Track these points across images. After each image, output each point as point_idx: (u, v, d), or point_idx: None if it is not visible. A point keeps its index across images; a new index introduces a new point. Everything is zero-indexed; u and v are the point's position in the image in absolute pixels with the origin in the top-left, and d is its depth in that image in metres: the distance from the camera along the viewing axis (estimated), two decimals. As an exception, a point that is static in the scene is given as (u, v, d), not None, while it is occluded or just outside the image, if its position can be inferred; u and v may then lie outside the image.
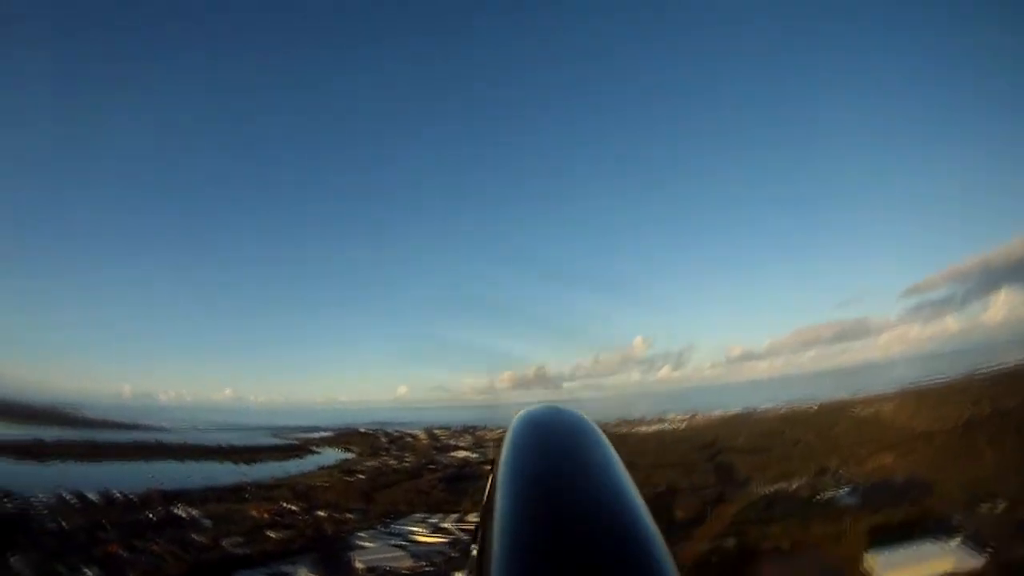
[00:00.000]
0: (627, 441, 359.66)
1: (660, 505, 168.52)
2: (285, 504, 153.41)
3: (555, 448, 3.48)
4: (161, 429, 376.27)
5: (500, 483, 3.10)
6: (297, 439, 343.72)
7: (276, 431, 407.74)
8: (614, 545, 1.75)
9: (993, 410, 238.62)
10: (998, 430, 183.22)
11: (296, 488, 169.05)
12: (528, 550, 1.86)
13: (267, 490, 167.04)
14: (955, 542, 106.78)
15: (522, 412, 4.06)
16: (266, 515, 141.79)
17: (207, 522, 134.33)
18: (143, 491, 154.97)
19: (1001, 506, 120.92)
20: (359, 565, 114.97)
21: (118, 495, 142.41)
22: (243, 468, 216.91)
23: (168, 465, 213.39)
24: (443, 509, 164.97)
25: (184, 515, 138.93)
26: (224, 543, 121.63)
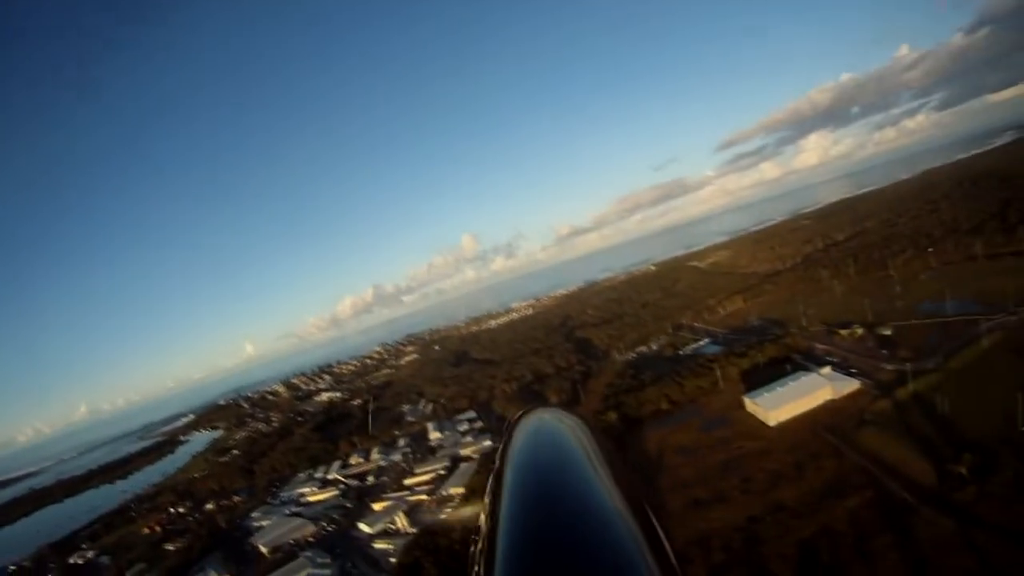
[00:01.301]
0: (479, 339, 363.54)
1: (531, 394, 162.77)
2: (173, 509, 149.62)
3: (555, 451, 3.72)
4: (31, 475, 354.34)
5: (504, 485, 3.20)
6: (163, 434, 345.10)
7: (142, 432, 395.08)
8: (609, 543, 2.18)
9: (827, 244, 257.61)
10: (836, 261, 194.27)
11: (177, 488, 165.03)
12: (528, 550, 2.29)
13: (151, 500, 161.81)
14: (826, 370, 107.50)
15: (520, 416, 4.41)
16: (158, 528, 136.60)
17: (105, 559, 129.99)
18: (34, 552, 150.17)
19: (858, 331, 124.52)
20: (263, 549, 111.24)
21: (13, 569, 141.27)
22: (121, 485, 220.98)
23: (50, 511, 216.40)
24: (323, 460, 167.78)
25: (81, 561, 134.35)
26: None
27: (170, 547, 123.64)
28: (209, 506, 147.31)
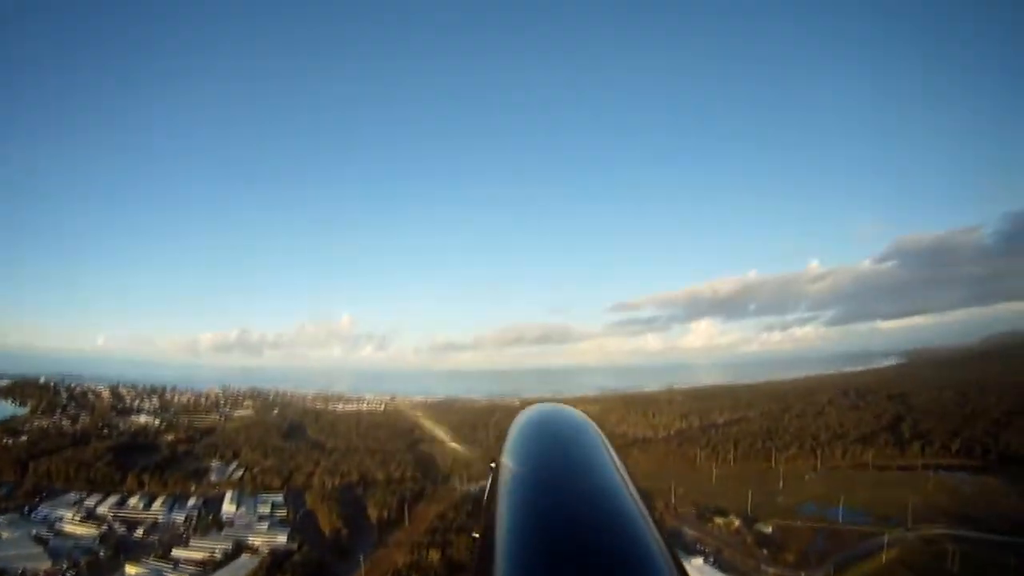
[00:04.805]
0: (321, 418, 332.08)
1: (350, 500, 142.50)
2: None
3: (556, 447, 3.76)
4: None
5: (503, 481, 3.36)
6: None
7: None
8: (612, 541, 2.26)
9: (703, 424, 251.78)
10: (715, 443, 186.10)
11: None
12: (530, 548, 2.37)
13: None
14: (698, 562, 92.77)
15: (524, 411, 4.37)
16: None
17: None
18: None
19: (735, 522, 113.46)
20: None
21: None
22: None
23: None
24: (103, 487, 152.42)
25: None
26: None
27: None
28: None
